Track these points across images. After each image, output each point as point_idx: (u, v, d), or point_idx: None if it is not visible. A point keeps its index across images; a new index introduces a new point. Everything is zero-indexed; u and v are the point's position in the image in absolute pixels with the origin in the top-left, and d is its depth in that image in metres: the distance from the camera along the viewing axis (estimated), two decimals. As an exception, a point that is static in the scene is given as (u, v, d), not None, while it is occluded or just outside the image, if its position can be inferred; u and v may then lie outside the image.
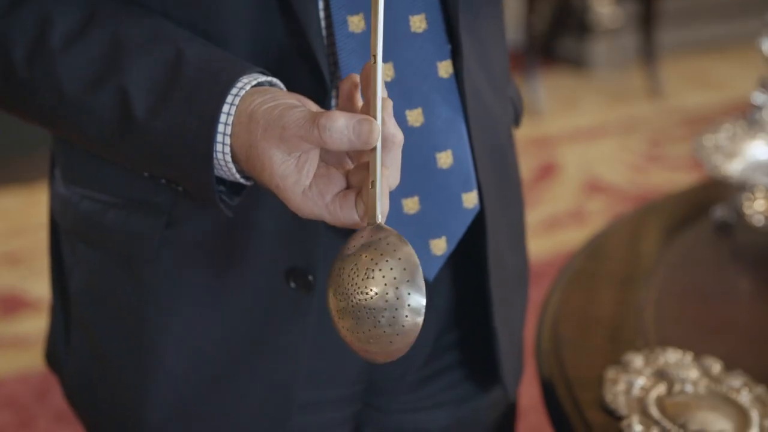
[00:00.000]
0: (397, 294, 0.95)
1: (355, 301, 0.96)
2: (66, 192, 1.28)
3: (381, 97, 0.98)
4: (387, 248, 0.96)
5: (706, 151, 1.97)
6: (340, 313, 0.97)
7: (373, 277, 0.95)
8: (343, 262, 0.97)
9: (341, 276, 0.97)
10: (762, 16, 2.53)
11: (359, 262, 0.96)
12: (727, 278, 1.84)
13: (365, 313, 0.95)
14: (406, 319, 0.95)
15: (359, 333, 0.96)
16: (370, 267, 0.96)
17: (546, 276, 2.34)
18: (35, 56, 1.10)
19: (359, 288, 0.96)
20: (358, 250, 0.97)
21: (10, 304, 3.67)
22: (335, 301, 0.97)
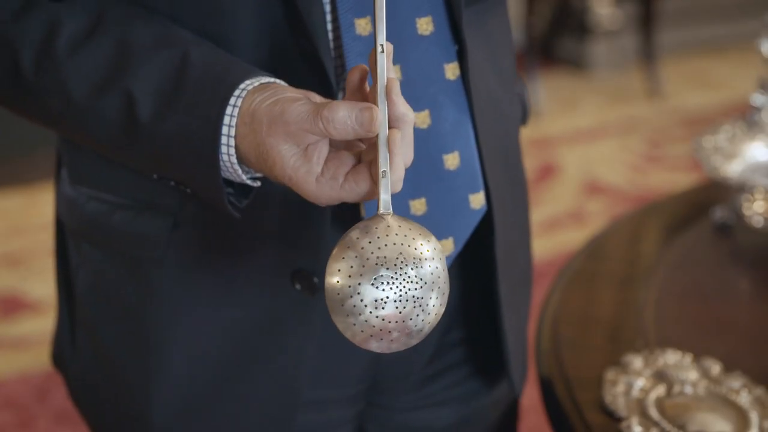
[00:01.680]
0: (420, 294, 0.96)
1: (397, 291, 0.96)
2: (72, 192, 1.29)
3: (385, 84, 0.98)
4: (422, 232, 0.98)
5: (705, 153, 1.97)
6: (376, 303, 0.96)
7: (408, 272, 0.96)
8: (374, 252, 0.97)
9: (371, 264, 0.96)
10: (761, 17, 2.53)
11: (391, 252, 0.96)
12: (726, 279, 1.84)
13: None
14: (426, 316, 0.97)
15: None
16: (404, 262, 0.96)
17: (546, 276, 2.34)
18: (43, 60, 1.11)
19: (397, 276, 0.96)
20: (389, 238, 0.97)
21: (10, 305, 3.67)
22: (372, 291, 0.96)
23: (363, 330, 0.95)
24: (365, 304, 0.95)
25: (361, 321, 0.95)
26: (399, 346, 0.97)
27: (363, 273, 0.95)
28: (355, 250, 0.96)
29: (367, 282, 0.95)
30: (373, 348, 0.97)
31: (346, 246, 0.96)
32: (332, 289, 0.95)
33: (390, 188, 0.98)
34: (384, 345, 0.97)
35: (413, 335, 0.97)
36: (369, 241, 0.96)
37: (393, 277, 0.95)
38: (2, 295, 3.74)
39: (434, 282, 0.97)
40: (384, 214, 0.98)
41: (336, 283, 0.95)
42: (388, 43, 0.99)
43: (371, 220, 0.98)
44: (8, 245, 4.12)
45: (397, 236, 0.96)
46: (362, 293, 0.95)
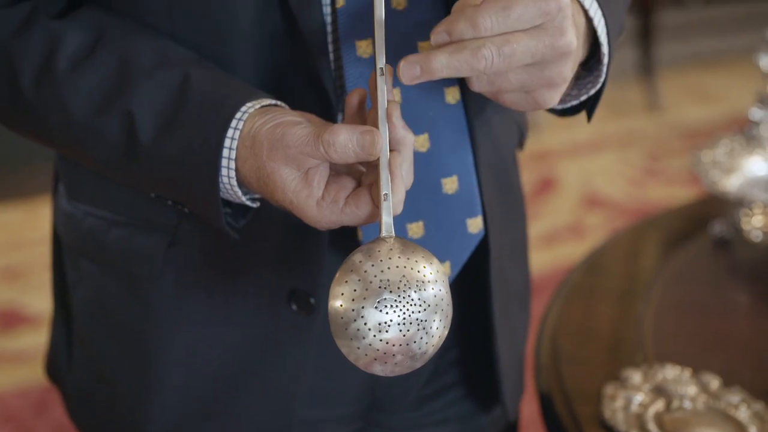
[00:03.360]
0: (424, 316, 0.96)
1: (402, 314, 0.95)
2: (70, 208, 1.29)
3: (385, 107, 0.99)
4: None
5: (704, 167, 1.97)
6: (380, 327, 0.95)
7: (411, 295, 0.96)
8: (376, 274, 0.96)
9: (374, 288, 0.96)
10: (760, 30, 2.54)
11: (393, 274, 0.96)
12: (725, 293, 1.84)
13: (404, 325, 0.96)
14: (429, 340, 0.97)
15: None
16: (408, 283, 0.96)
17: (545, 290, 2.34)
18: (43, 78, 1.11)
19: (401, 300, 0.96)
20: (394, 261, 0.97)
21: (9, 319, 3.66)
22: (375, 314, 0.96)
23: (367, 354, 0.95)
24: (369, 328, 0.94)
25: (365, 345, 0.95)
26: (402, 369, 0.97)
27: (366, 296, 0.94)
28: (358, 274, 0.95)
29: (370, 305, 0.94)
30: (376, 371, 0.96)
31: (348, 269, 0.96)
32: (336, 313, 0.95)
33: (391, 211, 0.98)
34: (388, 368, 0.96)
35: (417, 358, 0.97)
36: (372, 265, 0.96)
37: (396, 301, 0.95)
38: (1, 309, 3.74)
39: (437, 305, 0.97)
40: (386, 237, 0.98)
41: (339, 307, 0.95)
42: (388, 66, 0.99)
43: (374, 243, 0.98)
44: (7, 259, 4.11)
45: (400, 259, 0.96)
46: (366, 317, 0.94)
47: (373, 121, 0.99)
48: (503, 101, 1.04)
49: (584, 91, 1.15)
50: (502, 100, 1.04)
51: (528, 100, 1.03)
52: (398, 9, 1.15)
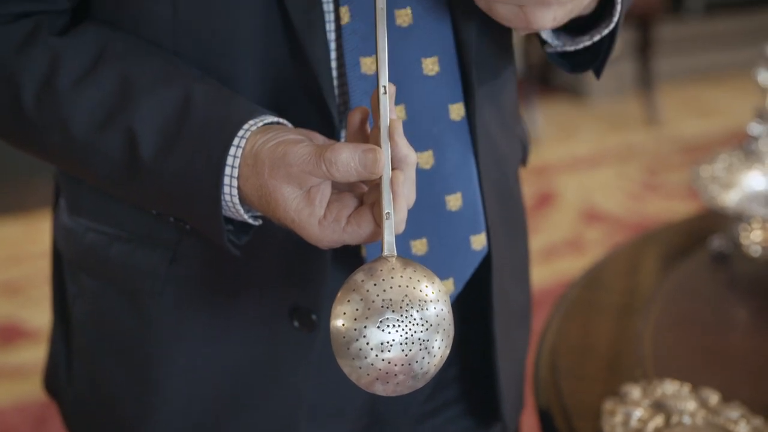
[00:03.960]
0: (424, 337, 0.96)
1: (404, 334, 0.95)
2: (71, 223, 1.29)
3: (387, 125, 0.99)
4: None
5: (702, 182, 1.97)
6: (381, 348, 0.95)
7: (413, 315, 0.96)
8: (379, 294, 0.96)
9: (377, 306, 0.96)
10: (758, 45, 2.54)
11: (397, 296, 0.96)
12: (724, 309, 1.84)
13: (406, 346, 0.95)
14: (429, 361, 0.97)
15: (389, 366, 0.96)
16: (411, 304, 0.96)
17: (544, 305, 2.35)
18: (44, 95, 1.11)
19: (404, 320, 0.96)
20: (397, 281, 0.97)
21: (8, 334, 3.66)
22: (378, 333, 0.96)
23: (369, 373, 0.95)
24: (371, 347, 0.94)
25: (366, 364, 0.95)
26: (404, 389, 0.97)
27: (368, 316, 0.94)
28: (360, 293, 0.95)
29: (372, 325, 0.94)
30: (378, 391, 0.96)
31: (350, 289, 0.96)
32: (338, 333, 0.95)
33: (393, 230, 0.98)
34: (389, 388, 0.96)
35: (419, 378, 0.96)
36: (374, 284, 0.96)
37: (398, 320, 0.95)
38: (0, 324, 3.74)
39: (439, 324, 0.97)
40: (388, 256, 0.98)
41: (341, 326, 0.95)
42: (391, 85, 0.99)
43: (376, 263, 0.98)
44: (7, 273, 4.11)
45: (402, 278, 0.96)
46: (368, 336, 0.94)
47: (376, 140, 0.99)
48: (495, 14, 1.05)
49: (593, 34, 1.16)
50: (495, 13, 1.05)
51: (520, 17, 1.04)
52: (403, 26, 1.16)
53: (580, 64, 1.23)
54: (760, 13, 6.63)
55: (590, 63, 1.22)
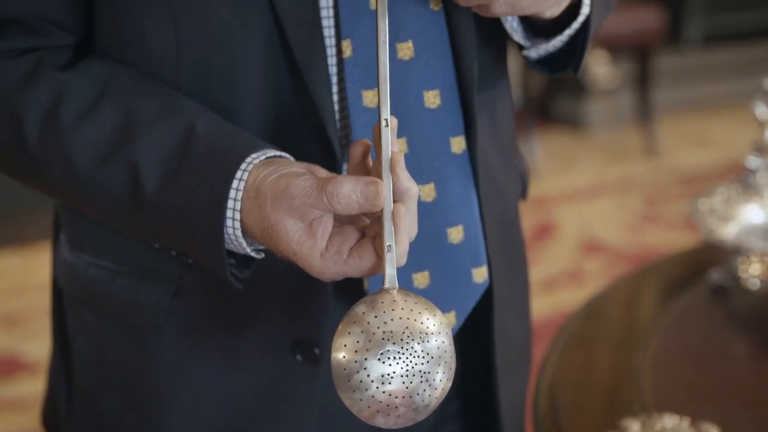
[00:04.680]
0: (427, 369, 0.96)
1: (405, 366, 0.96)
2: (72, 258, 1.29)
3: (389, 158, 0.99)
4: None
5: (701, 215, 1.98)
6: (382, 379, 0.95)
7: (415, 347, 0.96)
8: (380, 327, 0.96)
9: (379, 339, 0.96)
10: (756, 77, 2.55)
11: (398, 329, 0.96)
12: (723, 342, 1.84)
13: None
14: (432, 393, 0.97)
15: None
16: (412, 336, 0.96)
17: (544, 336, 2.34)
18: (48, 130, 1.11)
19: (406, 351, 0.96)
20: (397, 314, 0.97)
21: (8, 366, 3.66)
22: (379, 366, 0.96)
23: (369, 406, 0.95)
24: (372, 380, 0.94)
25: (367, 396, 0.95)
26: (405, 421, 0.97)
27: (369, 348, 0.95)
28: (361, 325, 0.95)
29: (373, 357, 0.94)
30: (379, 423, 0.96)
31: (351, 321, 0.96)
32: (338, 365, 0.95)
33: (395, 262, 0.99)
34: (390, 420, 0.96)
35: (420, 410, 0.97)
36: (375, 316, 0.96)
37: (399, 352, 0.95)
38: (0, 356, 3.73)
39: (441, 357, 0.97)
40: (390, 288, 0.98)
41: (342, 358, 0.95)
42: (393, 118, 1.00)
43: (377, 295, 0.98)
44: (6, 306, 4.11)
45: (403, 311, 0.96)
46: (369, 368, 0.94)
47: (378, 172, 1.00)
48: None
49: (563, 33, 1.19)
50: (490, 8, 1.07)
51: None
52: (404, 59, 1.16)
53: (558, 67, 1.25)
54: (758, 45, 6.65)
55: (567, 64, 1.24)
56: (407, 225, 1.00)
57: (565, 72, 1.26)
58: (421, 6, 1.17)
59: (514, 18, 1.21)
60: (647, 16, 5.61)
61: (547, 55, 1.25)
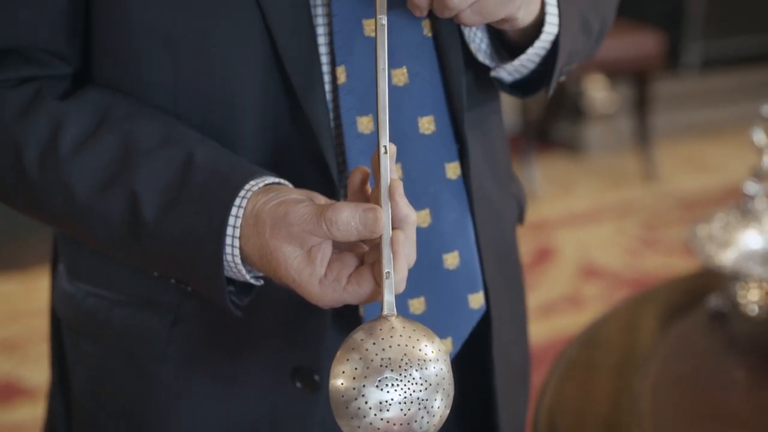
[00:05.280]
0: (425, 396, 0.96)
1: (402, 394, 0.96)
2: (71, 288, 1.29)
3: (388, 185, 1.00)
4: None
5: (699, 241, 1.98)
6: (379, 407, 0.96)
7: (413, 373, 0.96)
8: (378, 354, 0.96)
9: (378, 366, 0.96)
10: (754, 101, 2.55)
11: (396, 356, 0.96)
12: (722, 368, 1.84)
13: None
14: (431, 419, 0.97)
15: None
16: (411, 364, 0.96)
17: (543, 361, 2.34)
18: (46, 159, 1.12)
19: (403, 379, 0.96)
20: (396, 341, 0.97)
21: (6, 392, 3.64)
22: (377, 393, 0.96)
23: None
24: (370, 407, 0.95)
25: (365, 424, 0.95)
26: None
27: (367, 375, 0.95)
28: (359, 352, 0.96)
29: (371, 384, 0.95)
30: None
31: (350, 348, 0.96)
32: (336, 392, 0.95)
33: (393, 289, 0.99)
34: None
35: None
36: (373, 343, 0.96)
37: (398, 379, 0.95)
38: (-1, 381, 3.73)
39: (439, 384, 0.97)
40: (388, 315, 0.99)
41: (340, 385, 0.95)
42: (392, 145, 1.00)
43: (375, 322, 0.98)
44: (4, 331, 4.10)
45: (401, 338, 0.97)
46: (366, 395, 0.95)
47: (376, 199, 1.00)
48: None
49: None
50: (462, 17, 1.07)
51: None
52: (399, 85, 1.17)
53: (531, 91, 1.25)
54: (756, 70, 6.66)
55: (539, 87, 1.24)
56: (406, 252, 1.00)
57: (536, 93, 1.26)
58: (415, 32, 1.17)
59: (482, 40, 1.21)
60: (645, 41, 5.62)
61: (522, 78, 1.25)
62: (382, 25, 1.02)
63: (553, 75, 1.21)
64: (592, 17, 1.27)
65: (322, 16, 1.15)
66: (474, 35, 1.20)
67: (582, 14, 1.24)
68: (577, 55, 1.26)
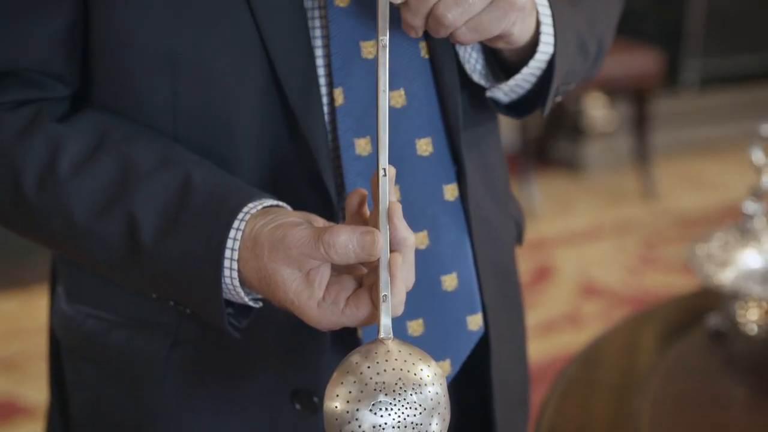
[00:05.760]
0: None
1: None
2: (70, 310, 1.29)
3: (386, 208, 1.00)
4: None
5: (698, 260, 1.98)
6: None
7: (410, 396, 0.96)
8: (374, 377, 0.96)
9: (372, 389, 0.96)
10: (753, 119, 2.55)
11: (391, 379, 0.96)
12: (722, 387, 1.84)
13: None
14: None
15: None
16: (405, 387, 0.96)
17: (543, 380, 2.34)
18: (45, 182, 1.12)
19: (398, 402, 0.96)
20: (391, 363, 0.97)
21: (5, 411, 3.64)
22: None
23: None
24: (363, 430, 0.95)
25: None
26: None
27: (361, 398, 0.95)
28: (354, 375, 0.96)
29: (365, 408, 0.95)
30: None
31: (345, 371, 0.96)
32: (331, 415, 0.95)
33: (391, 312, 0.99)
34: None
35: None
36: (368, 366, 0.96)
37: (391, 403, 0.95)
38: (-3, 400, 3.72)
39: (434, 408, 0.97)
40: (384, 338, 0.99)
41: (335, 408, 0.95)
42: (391, 167, 1.00)
43: (372, 345, 0.98)
44: (4, 349, 4.10)
45: (397, 361, 0.97)
46: (360, 419, 0.95)
47: (375, 221, 1.00)
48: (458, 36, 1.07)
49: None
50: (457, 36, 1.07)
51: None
52: (396, 107, 1.17)
53: (527, 111, 1.25)
54: (755, 88, 6.68)
55: (535, 107, 1.25)
56: (404, 275, 1.00)
57: (532, 113, 1.26)
58: (413, 54, 1.18)
59: (477, 61, 1.21)
60: (644, 60, 5.63)
61: (518, 99, 1.25)
62: (384, 46, 1.02)
63: (548, 95, 1.21)
64: (589, 37, 1.27)
65: (320, 38, 1.15)
66: (469, 56, 1.20)
67: (578, 34, 1.24)
68: (574, 75, 1.26)
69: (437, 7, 1.02)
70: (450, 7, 1.02)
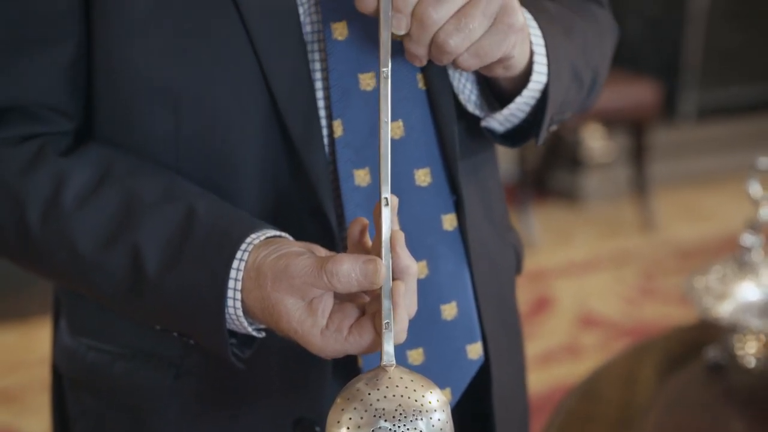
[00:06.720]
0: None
1: None
2: (72, 343, 1.29)
3: (389, 237, 1.01)
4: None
5: (696, 293, 1.98)
6: None
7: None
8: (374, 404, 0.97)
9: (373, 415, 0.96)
10: (751, 150, 2.56)
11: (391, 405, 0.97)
12: (720, 420, 1.84)
13: None
14: None
15: None
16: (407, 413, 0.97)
17: (542, 411, 2.34)
18: (49, 215, 1.13)
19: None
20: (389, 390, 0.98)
21: (5, 442, 3.64)
22: None
23: None
24: None
25: None
26: None
27: (361, 426, 0.96)
28: (355, 402, 0.96)
29: None
30: None
31: (347, 398, 0.97)
32: None
33: (393, 340, 0.99)
34: None
35: None
36: (369, 393, 0.97)
37: (391, 430, 0.95)
38: (-3, 432, 3.72)
39: None
40: (387, 366, 0.99)
41: None
42: (394, 197, 1.01)
43: (374, 372, 0.99)
44: (4, 381, 4.09)
45: (398, 388, 0.97)
46: None
47: (377, 250, 1.01)
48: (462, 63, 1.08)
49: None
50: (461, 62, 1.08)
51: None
52: (395, 138, 1.18)
53: (521, 139, 1.26)
54: (752, 119, 6.69)
55: (529, 136, 1.25)
56: (406, 303, 1.01)
57: (527, 141, 1.27)
58: (410, 85, 1.19)
59: (472, 91, 1.22)
60: (642, 91, 5.64)
61: (514, 128, 1.26)
62: (386, 77, 1.03)
63: (542, 124, 1.22)
64: (583, 67, 1.28)
65: (319, 70, 1.16)
66: (463, 86, 1.21)
67: (572, 64, 1.25)
68: (569, 105, 1.27)
69: (439, 35, 1.04)
70: (451, 33, 1.03)
